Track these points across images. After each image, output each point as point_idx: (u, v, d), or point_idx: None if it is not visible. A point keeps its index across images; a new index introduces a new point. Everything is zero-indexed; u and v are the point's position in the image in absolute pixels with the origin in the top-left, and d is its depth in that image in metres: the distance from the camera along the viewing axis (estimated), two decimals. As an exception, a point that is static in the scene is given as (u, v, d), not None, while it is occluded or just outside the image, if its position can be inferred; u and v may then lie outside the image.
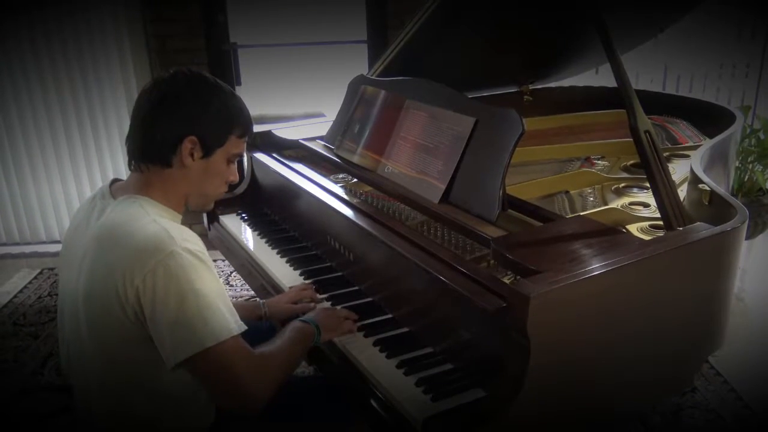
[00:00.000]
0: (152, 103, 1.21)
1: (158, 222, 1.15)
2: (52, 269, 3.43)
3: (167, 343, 1.11)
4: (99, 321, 1.16)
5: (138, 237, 1.12)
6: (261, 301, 1.64)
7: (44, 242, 3.62)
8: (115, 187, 1.28)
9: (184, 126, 1.20)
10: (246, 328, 1.17)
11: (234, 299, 1.76)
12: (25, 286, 3.24)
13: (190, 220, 3.77)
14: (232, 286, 3.12)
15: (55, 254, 3.53)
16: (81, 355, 1.24)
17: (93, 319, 1.17)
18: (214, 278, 1.15)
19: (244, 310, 1.58)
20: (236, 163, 1.33)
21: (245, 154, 2.31)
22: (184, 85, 1.21)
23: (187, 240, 1.14)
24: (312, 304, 1.58)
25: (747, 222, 1.30)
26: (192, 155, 1.22)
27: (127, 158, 1.26)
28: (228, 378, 1.13)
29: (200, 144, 1.22)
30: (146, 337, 1.14)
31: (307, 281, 1.69)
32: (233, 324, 1.14)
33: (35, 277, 3.34)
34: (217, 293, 1.14)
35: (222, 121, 1.24)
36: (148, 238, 1.11)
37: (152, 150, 1.21)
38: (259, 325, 1.69)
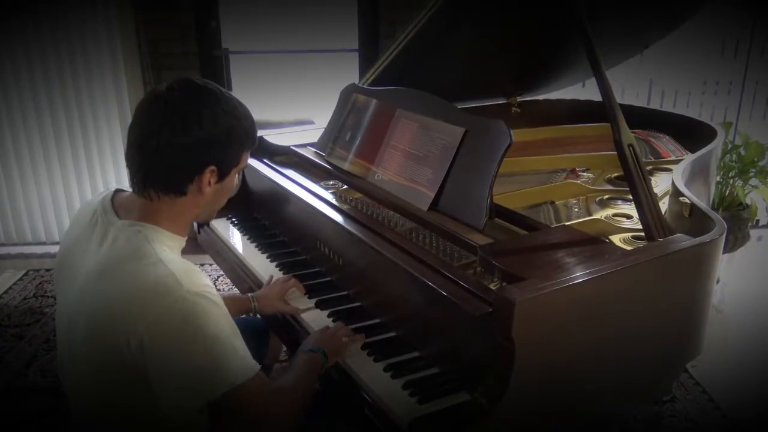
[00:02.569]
0: (167, 130, 1.10)
1: (164, 262, 1.08)
2: (37, 271, 3.42)
3: (178, 392, 1.07)
4: (98, 359, 1.11)
5: (143, 280, 1.06)
6: (251, 295, 1.65)
7: (30, 243, 3.60)
8: (118, 203, 1.22)
9: (205, 157, 1.14)
10: (260, 366, 1.14)
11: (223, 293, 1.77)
12: (10, 287, 3.22)
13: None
14: (219, 289, 3.12)
15: (41, 256, 3.52)
16: (77, 381, 1.20)
17: (92, 357, 1.12)
18: (225, 317, 1.10)
19: (234, 304, 1.58)
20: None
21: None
22: (200, 108, 1.12)
23: (194, 282, 1.08)
24: (301, 308, 1.59)
25: (725, 234, 1.34)
26: (210, 183, 1.17)
27: (129, 177, 1.17)
28: (249, 417, 1.11)
29: (218, 171, 1.17)
30: (145, 381, 1.08)
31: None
32: (249, 364, 1.11)
33: (20, 279, 3.32)
34: (229, 333, 1.09)
35: (238, 144, 1.19)
36: (153, 283, 1.05)
37: (167, 181, 1.14)
38: (254, 324, 1.71)
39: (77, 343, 1.15)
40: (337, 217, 1.65)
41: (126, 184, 1.23)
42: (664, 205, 1.63)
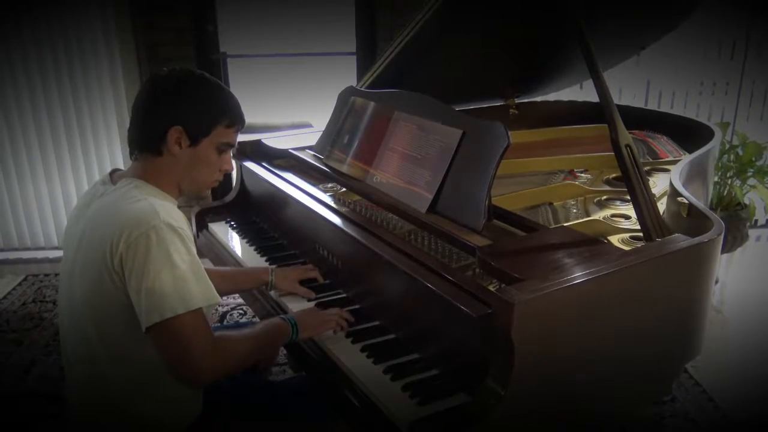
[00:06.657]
0: (144, 97, 1.33)
1: (148, 200, 1.25)
2: (36, 276, 3.42)
3: (141, 308, 1.19)
4: (92, 289, 1.24)
5: (128, 211, 1.22)
6: (271, 267, 1.75)
7: (29, 249, 3.59)
8: (115, 176, 1.38)
9: (170, 117, 1.29)
10: (217, 299, 1.27)
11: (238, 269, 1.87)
12: (9, 293, 3.22)
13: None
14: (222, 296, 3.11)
15: (40, 261, 3.52)
16: (77, 328, 1.30)
17: (86, 290, 1.25)
18: (190, 253, 1.23)
19: (252, 275, 1.75)
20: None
21: (234, 161, 2.33)
22: (172, 80, 1.32)
23: (171, 217, 1.23)
24: (312, 293, 1.66)
25: (723, 234, 1.35)
26: (180, 144, 1.31)
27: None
28: (180, 349, 1.21)
29: (186, 133, 1.30)
30: (130, 307, 1.21)
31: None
32: (198, 299, 1.21)
33: (19, 284, 3.32)
34: (190, 268, 1.22)
35: (206, 112, 1.33)
36: (136, 212, 1.22)
37: (144, 140, 1.33)
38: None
39: (75, 284, 1.28)
40: (336, 220, 1.65)
41: None
42: (662, 206, 1.64)
